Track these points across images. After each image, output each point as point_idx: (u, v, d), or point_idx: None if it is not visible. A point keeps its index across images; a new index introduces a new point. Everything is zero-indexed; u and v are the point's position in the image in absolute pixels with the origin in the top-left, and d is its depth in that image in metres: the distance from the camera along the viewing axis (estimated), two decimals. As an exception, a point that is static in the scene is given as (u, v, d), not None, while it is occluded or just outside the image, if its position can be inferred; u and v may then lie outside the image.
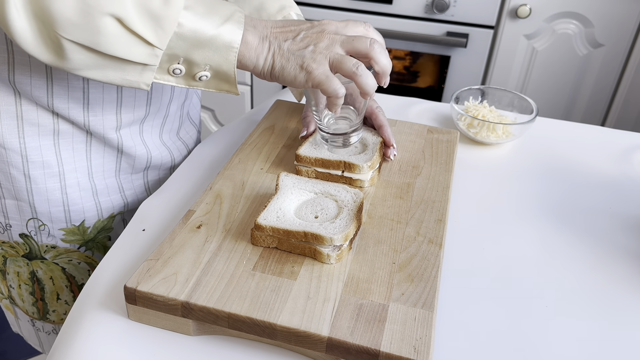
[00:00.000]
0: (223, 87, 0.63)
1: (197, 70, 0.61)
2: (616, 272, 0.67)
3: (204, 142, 0.87)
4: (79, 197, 0.76)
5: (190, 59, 0.60)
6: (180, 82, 0.62)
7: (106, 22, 0.54)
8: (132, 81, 0.60)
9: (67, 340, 0.56)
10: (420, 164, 0.78)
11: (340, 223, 0.61)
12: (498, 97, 0.98)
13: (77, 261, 0.79)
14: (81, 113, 0.71)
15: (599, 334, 0.60)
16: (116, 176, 0.79)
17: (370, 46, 0.62)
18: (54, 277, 0.79)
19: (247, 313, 0.53)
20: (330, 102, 0.63)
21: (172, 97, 0.81)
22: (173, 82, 0.62)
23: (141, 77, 0.60)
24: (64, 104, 0.70)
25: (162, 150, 0.83)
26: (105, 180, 0.78)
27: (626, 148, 0.93)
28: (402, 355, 0.50)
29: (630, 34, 1.58)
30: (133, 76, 0.60)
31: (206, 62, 0.60)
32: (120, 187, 0.80)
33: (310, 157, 0.72)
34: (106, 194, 0.79)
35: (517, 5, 1.59)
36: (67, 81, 0.68)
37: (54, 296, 0.81)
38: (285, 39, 0.63)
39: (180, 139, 0.89)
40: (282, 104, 0.92)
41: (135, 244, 0.66)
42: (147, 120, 0.79)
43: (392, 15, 1.68)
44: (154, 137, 0.82)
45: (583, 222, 0.75)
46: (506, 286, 0.64)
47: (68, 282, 0.80)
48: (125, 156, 0.78)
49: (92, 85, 0.70)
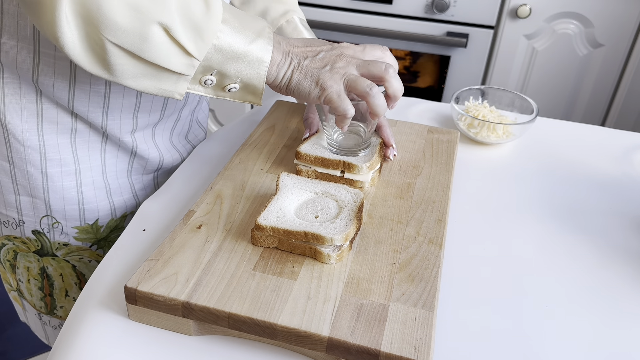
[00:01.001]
0: (248, 99, 0.65)
1: (228, 82, 0.63)
2: (616, 272, 0.67)
3: (204, 142, 0.87)
4: (94, 196, 0.77)
5: (223, 71, 0.61)
6: (209, 92, 0.64)
7: (154, 30, 0.55)
8: (166, 90, 0.61)
9: (68, 340, 0.56)
10: (421, 164, 0.78)
11: (340, 223, 0.61)
12: (498, 97, 0.98)
13: (88, 259, 0.80)
14: (100, 116, 0.73)
15: (599, 333, 0.60)
16: (128, 176, 0.80)
17: (385, 70, 0.65)
18: (64, 274, 0.80)
19: (248, 313, 0.53)
20: (339, 120, 0.66)
21: (186, 102, 0.83)
22: (202, 92, 0.63)
23: (176, 86, 0.61)
24: (84, 107, 0.71)
25: (172, 152, 0.85)
26: (118, 180, 0.79)
27: (626, 148, 0.93)
28: (403, 355, 0.50)
29: (630, 34, 1.58)
30: (168, 85, 0.61)
31: (238, 75, 0.62)
32: (132, 187, 0.81)
33: (310, 155, 0.73)
34: (119, 194, 0.80)
35: (517, 5, 1.59)
36: (90, 85, 0.70)
37: (63, 293, 0.81)
38: (305, 56, 0.65)
39: (189, 141, 0.91)
40: (282, 104, 0.92)
41: (136, 244, 0.66)
42: (159, 124, 0.80)
43: (392, 15, 1.68)
44: (165, 139, 0.84)
45: (583, 222, 0.75)
46: (506, 286, 0.64)
47: (78, 279, 0.81)
48: (138, 158, 0.80)
49: (114, 90, 0.72)
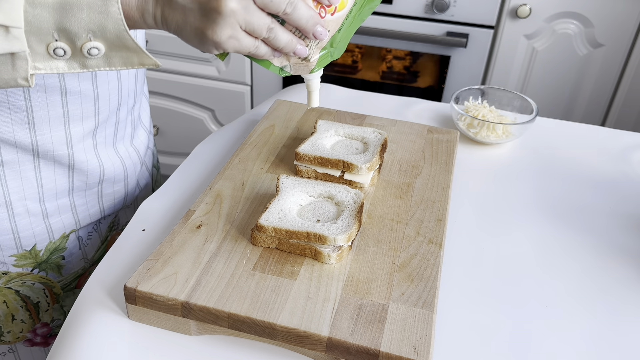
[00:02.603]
0: (133, 61, 0.51)
1: (81, 43, 0.49)
2: (616, 272, 0.67)
3: (204, 142, 0.87)
4: (29, 223, 0.72)
5: (65, 29, 0.48)
6: (73, 66, 0.50)
7: None
8: (6, 80, 0.49)
9: (68, 339, 0.56)
10: (420, 164, 0.78)
11: (342, 223, 0.61)
12: (498, 97, 0.98)
13: (30, 282, 0.76)
14: (27, 134, 0.66)
15: (599, 333, 0.60)
16: (69, 195, 0.75)
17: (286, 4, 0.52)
18: (8, 301, 0.76)
19: (247, 313, 0.53)
20: None
21: (120, 103, 0.75)
22: (64, 67, 0.50)
23: (15, 71, 0.49)
24: (8, 126, 0.65)
25: (115, 161, 0.78)
26: (58, 201, 0.74)
27: (626, 148, 0.93)
28: (402, 355, 0.50)
29: (630, 34, 1.58)
30: (5, 72, 0.48)
31: (85, 28, 0.48)
32: (72, 206, 0.76)
33: (310, 155, 0.73)
34: (57, 215, 0.75)
35: (517, 5, 1.59)
36: (8, 104, 0.63)
37: (9, 318, 0.77)
38: None
39: (134, 146, 0.84)
40: (282, 104, 0.92)
41: (135, 244, 0.66)
42: (99, 132, 0.74)
43: (392, 15, 1.68)
44: (108, 148, 0.77)
45: (583, 222, 0.75)
46: (506, 286, 0.64)
47: (23, 302, 0.77)
48: (77, 172, 0.74)
49: (35, 103, 0.64)
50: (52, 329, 0.82)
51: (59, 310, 0.81)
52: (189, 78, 1.89)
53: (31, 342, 0.81)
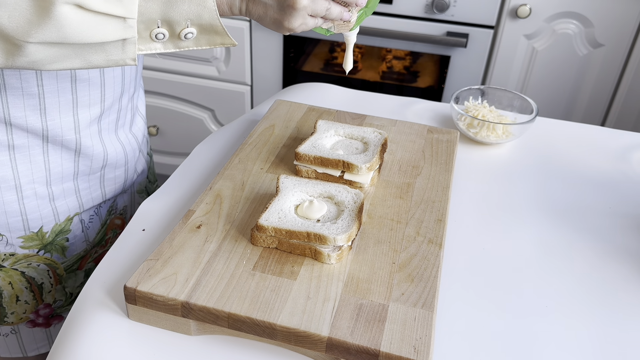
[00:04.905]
0: (216, 41, 0.61)
1: (180, 29, 0.58)
2: (616, 272, 0.67)
3: (204, 142, 0.87)
4: (36, 206, 0.76)
5: (168, 19, 0.57)
6: (168, 47, 0.60)
7: (65, 11, 0.51)
8: (117, 60, 0.58)
9: (68, 339, 0.56)
10: (420, 164, 0.78)
11: (342, 223, 0.61)
12: (498, 97, 0.98)
13: (36, 264, 0.79)
14: (38, 119, 0.70)
15: (599, 333, 0.60)
16: (74, 180, 0.79)
17: None
18: (13, 282, 0.79)
19: (247, 313, 0.53)
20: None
21: (123, 90, 0.80)
22: (161, 48, 0.59)
23: (125, 53, 0.57)
24: (21, 112, 0.69)
25: (117, 147, 0.83)
26: (63, 184, 0.78)
27: (626, 148, 0.93)
28: (402, 355, 0.50)
29: (630, 34, 1.58)
30: (116, 54, 0.57)
31: (185, 17, 0.57)
32: (76, 189, 0.80)
33: (310, 155, 0.73)
34: (62, 198, 0.78)
35: (517, 5, 1.58)
36: (22, 90, 0.68)
37: (14, 299, 0.80)
38: None
39: (132, 133, 0.88)
40: (282, 104, 0.92)
41: (135, 244, 0.66)
42: (103, 118, 0.78)
43: (392, 15, 1.68)
44: (111, 134, 0.82)
45: (583, 222, 0.75)
46: (506, 286, 0.64)
47: (28, 283, 0.80)
48: (83, 157, 0.78)
49: (47, 90, 0.69)
50: (54, 310, 0.84)
51: (61, 291, 0.84)
52: (189, 78, 1.89)
53: (33, 322, 0.83)
